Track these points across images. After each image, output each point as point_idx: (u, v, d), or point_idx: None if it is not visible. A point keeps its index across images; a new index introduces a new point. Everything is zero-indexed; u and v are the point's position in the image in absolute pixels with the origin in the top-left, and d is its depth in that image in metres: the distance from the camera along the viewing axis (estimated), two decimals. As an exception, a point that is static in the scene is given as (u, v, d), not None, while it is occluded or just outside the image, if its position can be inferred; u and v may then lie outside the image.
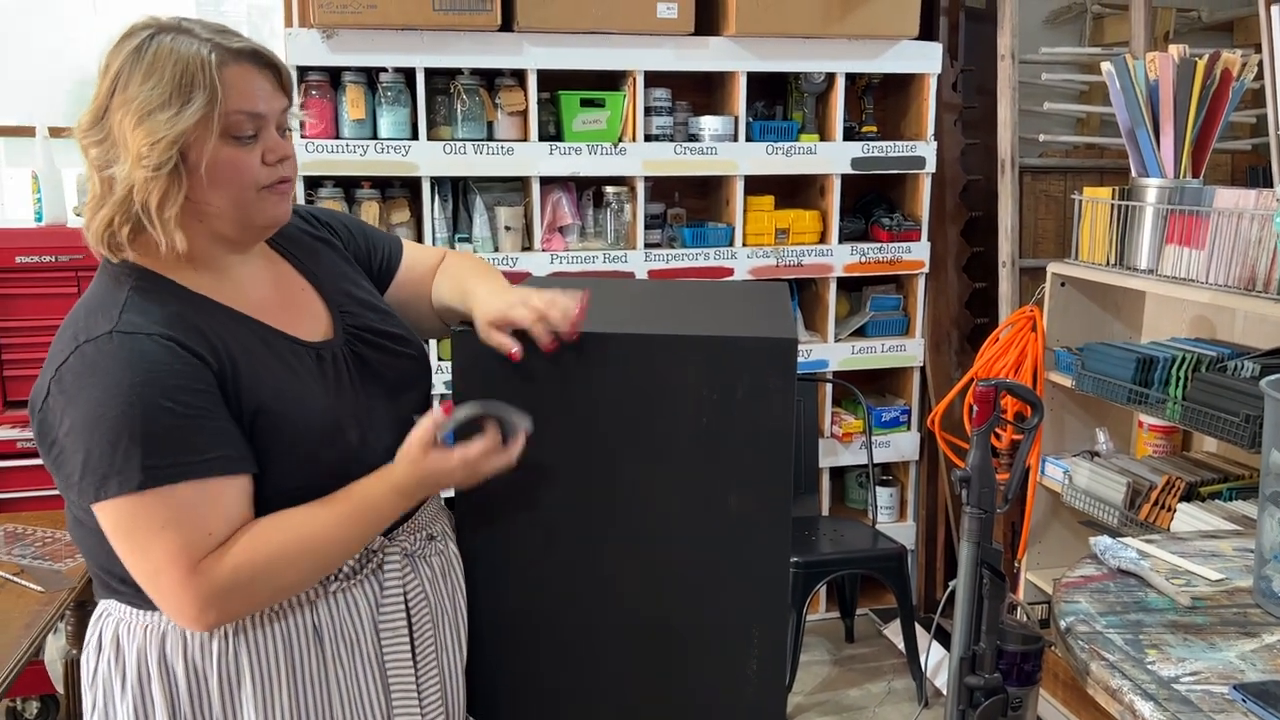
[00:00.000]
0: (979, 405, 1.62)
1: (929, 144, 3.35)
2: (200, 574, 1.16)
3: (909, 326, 3.50)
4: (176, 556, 1.15)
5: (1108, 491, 2.74)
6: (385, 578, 1.33)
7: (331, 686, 1.29)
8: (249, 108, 1.20)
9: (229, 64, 1.19)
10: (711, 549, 1.42)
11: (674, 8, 3.01)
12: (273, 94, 1.24)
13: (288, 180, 1.28)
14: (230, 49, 1.20)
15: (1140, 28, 3.30)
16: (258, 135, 1.22)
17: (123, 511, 1.15)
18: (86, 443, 1.13)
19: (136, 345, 1.15)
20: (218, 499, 1.17)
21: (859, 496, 3.71)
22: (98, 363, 1.14)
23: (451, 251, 1.61)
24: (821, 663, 3.30)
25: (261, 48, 1.24)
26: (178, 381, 1.15)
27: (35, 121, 3.00)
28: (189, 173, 1.19)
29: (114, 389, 1.13)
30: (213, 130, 1.18)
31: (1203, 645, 1.48)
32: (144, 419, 1.12)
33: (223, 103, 1.18)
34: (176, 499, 1.14)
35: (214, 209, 1.23)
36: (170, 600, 1.18)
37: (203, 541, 1.16)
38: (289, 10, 3.21)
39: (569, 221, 3.14)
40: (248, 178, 1.22)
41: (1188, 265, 2.53)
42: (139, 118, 1.16)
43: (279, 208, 1.28)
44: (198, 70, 1.17)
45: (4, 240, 2.82)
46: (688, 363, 1.37)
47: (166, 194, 1.18)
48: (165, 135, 1.16)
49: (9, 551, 2.14)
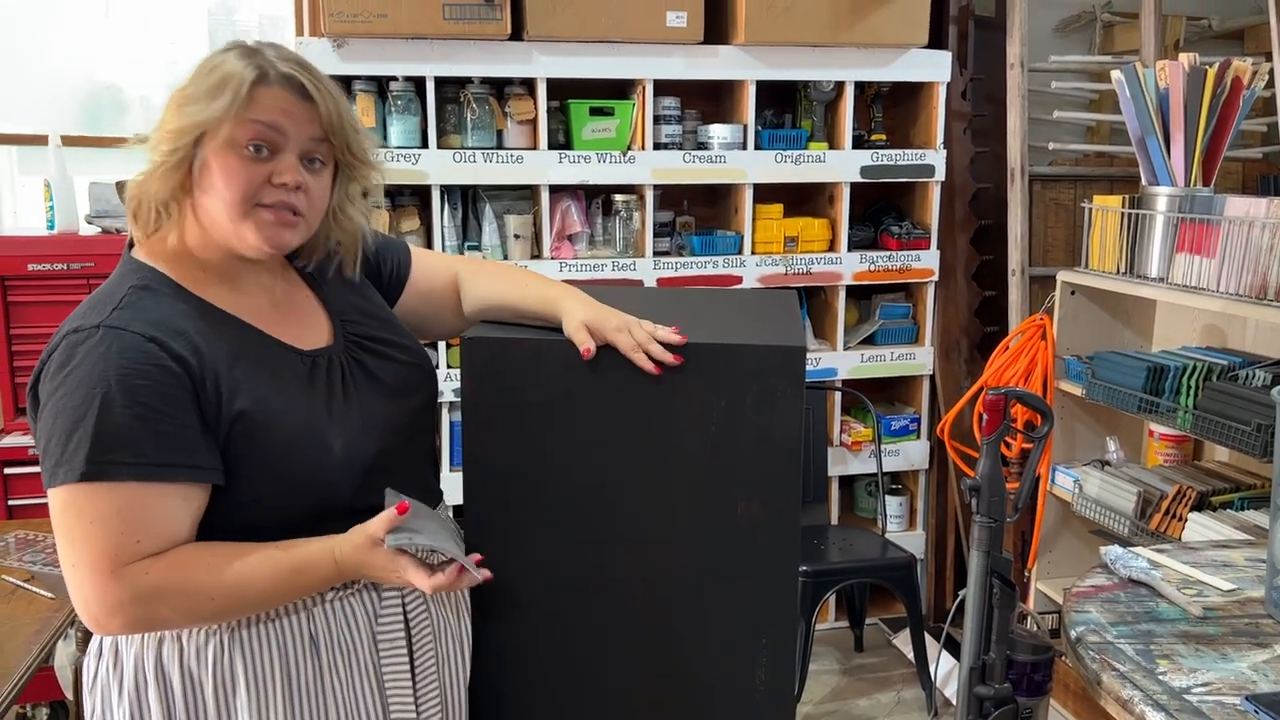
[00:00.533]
0: (989, 414, 1.62)
1: (938, 152, 3.35)
2: (118, 579, 1.16)
3: (918, 335, 3.50)
4: (99, 555, 1.16)
5: (1118, 501, 2.73)
6: (383, 588, 1.33)
7: (327, 695, 1.28)
8: (267, 119, 1.22)
9: (267, 84, 1.22)
10: (720, 557, 1.42)
11: (683, 17, 3.01)
12: (303, 120, 1.24)
13: (294, 210, 1.26)
14: (277, 71, 1.23)
15: (1150, 36, 3.29)
16: (273, 154, 1.23)
17: (62, 500, 1.17)
18: (50, 429, 1.17)
19: (117, 341, 1.17)
20: (156, 504, 1.17)
21: (868, 505, 3.70)
22: (77, 354, 1.17)
23: (463, 257, 1.62)
24: (830, 672, 3.29)
25: (311, 80, 1.24)
26: (146, 382, 1.16)
27: (48, 130, 3.02)
28: (199, 171, 1.22)
29: (83, 381, 1.16)
30: (224, 131, 1.20)
31: (1214, 656, 1.47)
32: (100, 414, 1.14)
33: (243, 109, 1.20)
34: (114, 497, 1.15)
35: (209, 216, 1.24)
36: (79, 596, 1.18)
37: (129, 546, 1.16)
38: (300, 19, 3.23)
39: (578, 229, 3.14)
40: (245, 189, 1.22)
41: (1198, 274, 2.52)
42: (175, 106, 1.23)
43: (274, 234, 1.25)
44: (233, 78, 1.21)
45: (16, 248, 2.84)
46: (696, 370, 1.37)
47: (170, 180, 1.22)
48: (185, 123, 1.20)
49: (20, 558, 2.15)
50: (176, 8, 3.29)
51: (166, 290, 1.26)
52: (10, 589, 2.00)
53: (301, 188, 1.25)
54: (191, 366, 1.20)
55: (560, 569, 1.44)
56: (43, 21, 3.21)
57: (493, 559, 1.44)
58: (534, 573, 1.45)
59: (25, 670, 1.72)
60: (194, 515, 1.21)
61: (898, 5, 3.13)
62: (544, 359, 1.38)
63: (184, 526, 1.20)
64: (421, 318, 1.55)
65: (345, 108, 1.29)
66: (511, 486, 1.42)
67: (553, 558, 1.44)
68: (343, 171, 1.33)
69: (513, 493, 1.42)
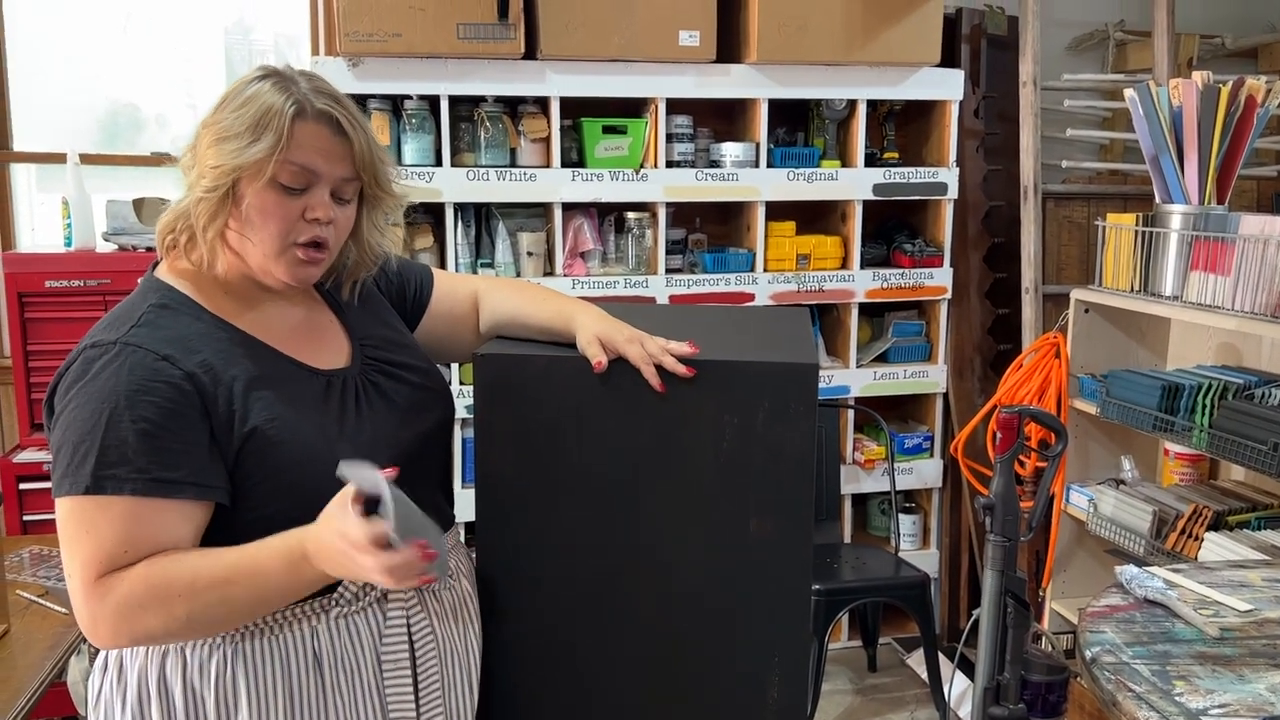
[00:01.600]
0: (1003, 432, 1.62)
1: (951, 170, 3.35)
2: (99, 587, 1.17)
3: (931, 352, 3.49)
4: (87, 564, 1.17)
5: (1133, 520, 2.71)
6: (388, 607, 1.32)
7: (329, 714, 1.28)
8: (304, 161, 1.24)
9: (305, 119, 1.24)
10: (732, 575, 1.42)
11: (696, 36, 3.03)
12: (337, 158, 1.27)
13: (322, 244, 1.29)
14: (314, 107, 1.25)
15: (1163, 54, 3.29)
16: (308, 190, 1.26)
17: (66, 511, 1.19)
18: (60, 441, 1.19)
19: (131, 358, 1.20)
20: (155, 519, 1.18)
21: (881, 523, 3.68)
22: (92, 369, 1.20)
23: (482, 276, 1.63)
24: (844, 692, 3.27)
25: (345, 116, 1.27)
26: (154, 399, 1.18)
27: (66, 148, 3.05)
28: (235, 203, 1.25)
29: (94, 396, 1.18)
30: (266, 172, 1.22)
31: (1231, 677, 1.46)
32: (108, 428, 1.16)
33: (283, 150, 1.22)
34: (111, 510, 1.17)
35: (247, 246, 1.28)
36: (74, 606, 1.20)
37: (118, 557, 1.17)
38: (315, 39, 3.26)
39: (590, 247, 3.15)
40: (282, 226, 1.26)
41: (1213, 292, 2.51)
42: (214, 140, 1.24)
43: (300, 269, 1.29)
44: (275, 116, 1.22)
45: (34, 265, 2.86)
46: (709, 388, 1.37)
47: (213, 216, 1.25)
48: (226, 163, 1.23)
49: (34, 573, 2.15)
50: (193, 27, 3.32)
51: (186, 309, 1.28)
52: (24, 604, 2.01)
53: (332, 221, 1.29)
54: (204, 384, 1.21)
55: (571, 586, 1.44)
56: (61, 41, 3.24)
57: (504, 576, 1.44)
58: (545, 590, 1.44)
59: (38, 686, 1.73)
60: (194, 533, 1.22)
61: (910, 24, 3.14)
62: (556, 376, 1.39)
63: (181, 543, 1.20)
64: (442, 338, 1.56)
65: (374, 140, 1.32)
66: (523, 503, 1.42)
67: (564, 575, 1.44)
68: (368, 201, 1.36)
69: (525, 509, 1.42)
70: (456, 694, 1.39)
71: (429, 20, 2.83)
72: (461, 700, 1.40)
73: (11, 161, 3.24)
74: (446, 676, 1.38)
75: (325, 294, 1.44)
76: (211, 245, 1.26)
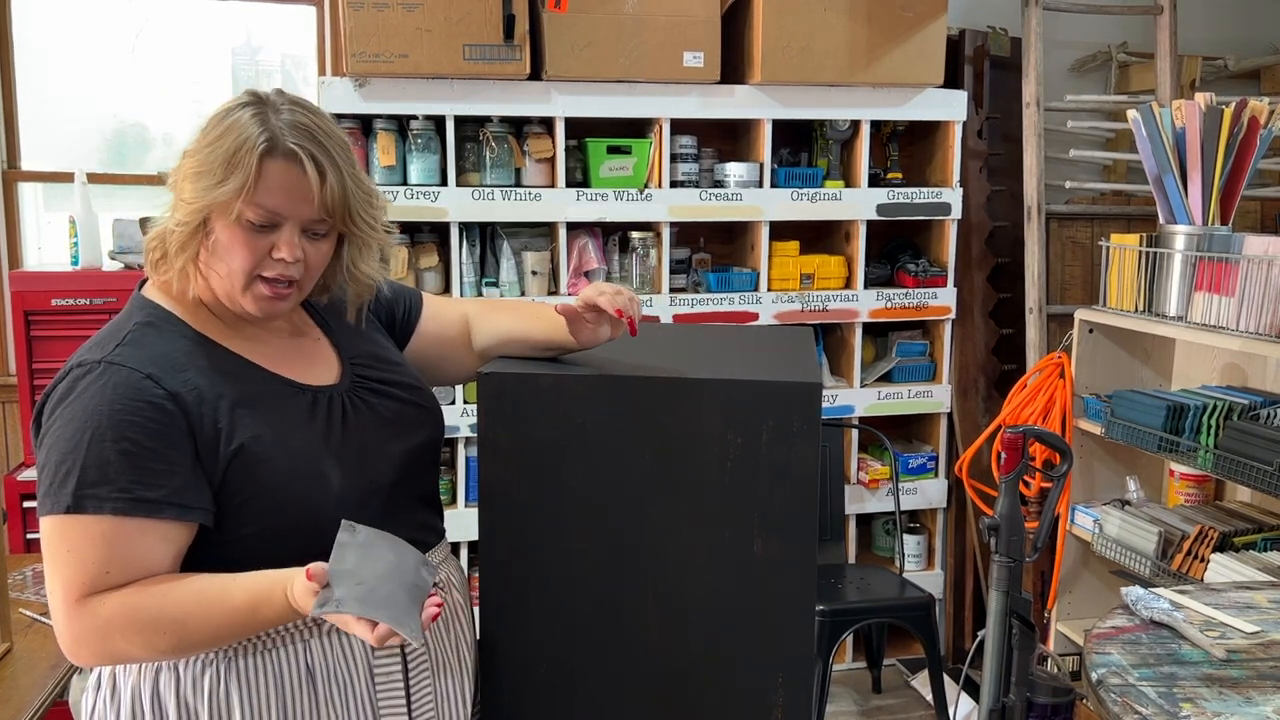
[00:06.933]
0: (1007, 452, 1.61)
1: (954, 190, 3.35)
2: (81, 608, 1.18)
3: (935, 372, 3.49)
4: (69, 585, 1.18)
5: (1139, 541, 2.70)
6: None
7: None
8: (269, 204, 1.23)
9: (274, 157, 1.23)
10: (735, 595, 1.41)
11: (700, 57, 3.04)
12: (301, 199, 1.25)
13: (290, 282, 1.28)
14: (284, 145, 1.23)
15: (1166, 76, 3.31)
16: (276, 228, 1.25)
17: (48, 530, 1.19)
18: (44, 460, 1.20)
19: (115, 378, 1.20)
20: (135, 539, 1.18)
21: (886, 544, 3.67)
22: (78, 388, 1.21)
23: (474, 299, 1.63)
24: (848, 713, 3.25)
25: (316, 154, 1.24)
26: (137, 419, 1.19)
27: (73, 167, 3.07)
28: (206, 235, 1.25)
29: (79, 415, 1.19)
30: (233, 211, 1.22)
31: (1238, 699, 1.45)
32: (90, 448, 1.17)
33: (249, 191, 1.22)
34: (92, 530, 1.17)
35: (214, 277, 1.28)
36: (55, 625, 1.21)
37: (98, 578, 1.18)
38: (322, 59, 3.28)
39: (595, 266, 3.16)
40: (247, 262, 1.25)
41: (1217, 312, 2.51)
42: (190, 174, 1.25)
43: (266, 304, 1.28)
44: (247, 154, 1.21)
45: (41, 283, 2.87)
46: (712, 407, 1.37)
47: (183, 246, 1.26)
48: (198, 201, 1.23)
49: (37, 591, 2.15)
50: (201, 47, 3.34)
51: (171, 328, 1.29)
52: (27, 622, 2.00)
53: (299, 260, 1.27)
54: (188, 403, 1.22)
55: (574, 605, 1.44)
56: (69, 61, 3.26)
57: (507, 594, 1.44)
58: (548, 608, 1.44)
59: (41, 704, 1.72)
60: (175, 553, 1.22)
61: (913, 45, 3.15)
62: (560, 394, 1.39)
63: (162, 563, 1.20)
64: (434, 360, 1.56)
65: (350, 178, 1.28)
66: (527, 522, 1.42)
67: (567, 594, 1.43)
68: (348, 238, 1.34)
69: (528, 528, 1.42)
70: (450, 706, 1.39)
71: (435, 41, 2.85)
72: (455, 713, 1.40)
73: (19, 180, 3.25)
74: (439, 689, 1.38)
75: (315, 312, 1.44)
76: (183, 271, 1.27)
